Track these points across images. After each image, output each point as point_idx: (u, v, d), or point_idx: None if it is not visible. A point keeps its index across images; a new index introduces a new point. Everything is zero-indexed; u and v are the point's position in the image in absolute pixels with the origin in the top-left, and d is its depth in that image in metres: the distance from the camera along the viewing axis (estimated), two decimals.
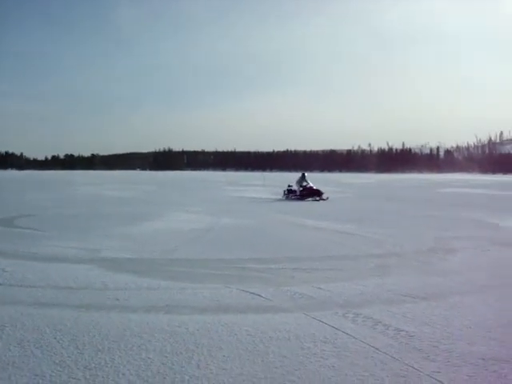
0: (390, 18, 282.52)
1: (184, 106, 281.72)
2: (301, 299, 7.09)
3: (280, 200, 28.86)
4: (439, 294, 7.46)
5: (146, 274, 8.66)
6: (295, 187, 29.71)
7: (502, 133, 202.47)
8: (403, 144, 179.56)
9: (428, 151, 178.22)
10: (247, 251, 10.90)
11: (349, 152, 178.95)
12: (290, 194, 29.65)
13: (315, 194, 28.49)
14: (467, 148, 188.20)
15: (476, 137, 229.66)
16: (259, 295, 7.25)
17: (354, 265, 9.59)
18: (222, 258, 10.15)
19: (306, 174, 29.96)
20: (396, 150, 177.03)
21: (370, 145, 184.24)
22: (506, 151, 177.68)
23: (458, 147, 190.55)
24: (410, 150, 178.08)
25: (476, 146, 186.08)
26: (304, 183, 29.32)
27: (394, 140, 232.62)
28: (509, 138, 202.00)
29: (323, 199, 27.93)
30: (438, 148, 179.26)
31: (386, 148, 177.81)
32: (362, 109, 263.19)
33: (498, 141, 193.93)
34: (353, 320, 6.10)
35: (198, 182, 65.96)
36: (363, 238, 12.96)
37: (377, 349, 5.11)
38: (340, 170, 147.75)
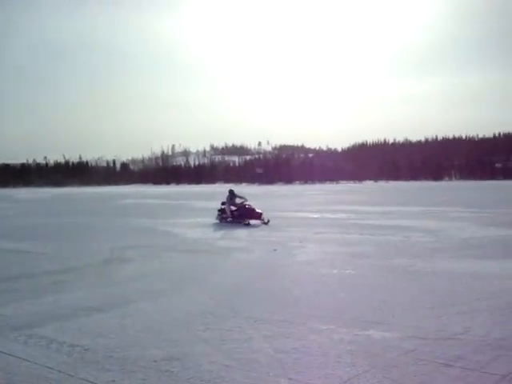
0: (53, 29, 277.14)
1: None
2: None
3: None
4: (114, 303, 7.60)
5: None
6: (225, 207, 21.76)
7: (173, 146, 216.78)
8: (80, 157, 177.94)
9: (105, 164, 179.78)
10: None
11: (23, 165, 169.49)
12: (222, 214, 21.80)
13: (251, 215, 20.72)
14: (142, 160, 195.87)
15: (151, 150, 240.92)
16: None
17: (29, 284, 9.15)
18: None
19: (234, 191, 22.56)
20: (73, 163, 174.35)
21: (45, 158, 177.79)
22: (178, 163, 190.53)
23: (133, 160, 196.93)
24: (87, 162, 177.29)
25: (150, 159, 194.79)
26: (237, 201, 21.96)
27: (71, 153, 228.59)
28: (179, 150, 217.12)
29: (264, 223, 20.22)
30: (114, 161, 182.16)
31: (63, 161, 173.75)
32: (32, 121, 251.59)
33: (170, 153, 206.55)
34: (25, 342, 5.81)
35: None
36: (39, 256, 12.45)
37: (51, 368, 4.97)
38: (15, 185, 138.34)
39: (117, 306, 7.42)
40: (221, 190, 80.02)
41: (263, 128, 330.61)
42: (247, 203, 21.49)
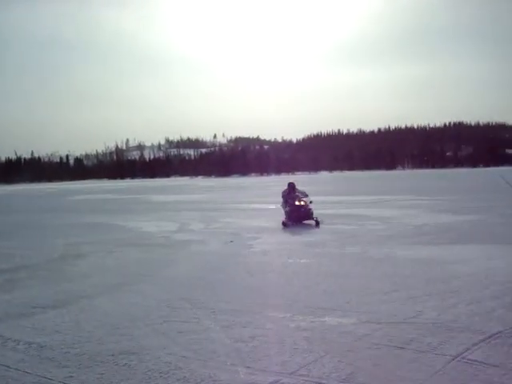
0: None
1: None
2: None
3: None
4: (69, 299, 7.53)
5: None
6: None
7: (128, 140, 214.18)
8: (32, 153, 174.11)
9: (58, 159, 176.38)
10: None
11: None
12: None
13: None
14: (96, 155, 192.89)
15: (104, 144, 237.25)
16: None
17: None
18: None
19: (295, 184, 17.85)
20: (25, 159, 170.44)
21: None
22: (132, 157, 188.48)
23: (87, 155, 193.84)
24: (39, 158, 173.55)
25: (105, 153, 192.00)
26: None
27: (23, 149, 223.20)
28: (134, 144, 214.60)
29: (317, 222, 15.89)
30: (67, 156, 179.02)
31: (14, 157, 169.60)
32: None
33: (124, 148, 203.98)
34: None
35: None
36: None
37: (8, 366, 4.91)
38: None
39: (72, 302, 7.34)
40: (176, 183, 79.56)
41: (218, 120, 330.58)
42: (305, 200, 16.80)
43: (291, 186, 17.50)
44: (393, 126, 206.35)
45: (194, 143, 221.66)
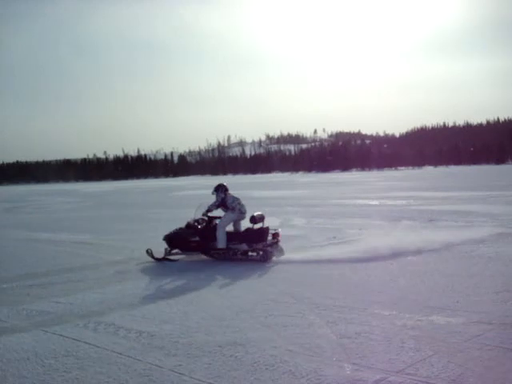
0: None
1: None
2: (38, 316, 6.76)
3: None
4: (177, 291, 7.82)
5: None
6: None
7: (229, 137, 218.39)
8: (138, 150, 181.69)
9: (163, 157, 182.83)
10: None
11: (84, 161, 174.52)
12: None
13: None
14: (199, 152, 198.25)
15: (207, 141, 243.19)
16: None
17: (94, 274, 9.46)
18: None
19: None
20: (131, 156, 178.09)
21: (105, 152, 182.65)
22: (234, 153, 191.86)
23: (190, 152, 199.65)
24: (146, 156, 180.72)
25: (207, 150, 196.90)
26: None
27: (129, 147, 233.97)
28: (235, 141, 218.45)
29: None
30: (171, 153, 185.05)
31: (122, 155, 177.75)
32: (94, 118, 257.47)
33: (226, 144, 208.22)
34: (94, 329, 6.03)
35: None
36: (102, 247, 12.83)
37: (120, 353, 5.15)
38: (77, 180, 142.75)
39: (179, 294, 7.60)
40: (277, 179, 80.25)
41: (319, 116, 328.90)
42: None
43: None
44: (502, 118, 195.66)
45: (295, 139, 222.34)
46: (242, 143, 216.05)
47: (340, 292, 7.30)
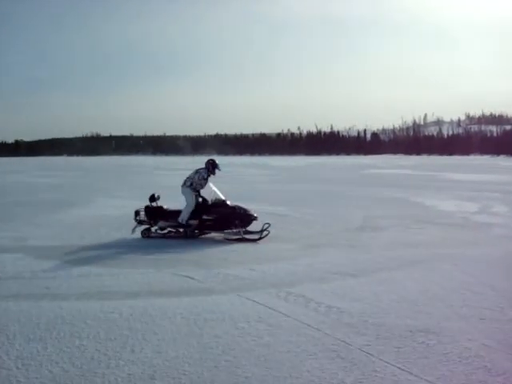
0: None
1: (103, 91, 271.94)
2: (233, 281, 7.14)
3: None
4: (367, 270, 7.71)
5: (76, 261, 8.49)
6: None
7: (426, 115, 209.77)
8: (331, 127, 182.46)
9: (355, 134, 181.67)
10: None
11: (278, 135, 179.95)
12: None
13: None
14: (393, 130, 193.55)
15: (401, 119, 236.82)
16: (191, 278, 7.25)
17: (285, 246, 9.72)
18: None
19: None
20: (324, 132, 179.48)
21: (299, 128, 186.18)
22: (430, 133, 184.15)
23: (384, 129, 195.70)
24: (338, 132, 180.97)
25: (401, 128, 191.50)
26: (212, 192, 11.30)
27: (322, 123, 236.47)
28: (432, 120, 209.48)
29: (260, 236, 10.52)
30: (365, 130, 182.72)
31: (315, 131, 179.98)
32: (288, 93, 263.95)
33: (422, 123, 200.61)
34: (285, 299, 6.21)
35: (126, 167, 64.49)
36: (294, 220, 13.14)
37: (309, 325, 5.23)
38: (270, 154, 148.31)
39: (370, 273, 7.51)
40: (475, 162, 75.62)
41: None
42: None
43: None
44: None
45: (498, 119, 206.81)
46: (439, 122, 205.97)
47: None
